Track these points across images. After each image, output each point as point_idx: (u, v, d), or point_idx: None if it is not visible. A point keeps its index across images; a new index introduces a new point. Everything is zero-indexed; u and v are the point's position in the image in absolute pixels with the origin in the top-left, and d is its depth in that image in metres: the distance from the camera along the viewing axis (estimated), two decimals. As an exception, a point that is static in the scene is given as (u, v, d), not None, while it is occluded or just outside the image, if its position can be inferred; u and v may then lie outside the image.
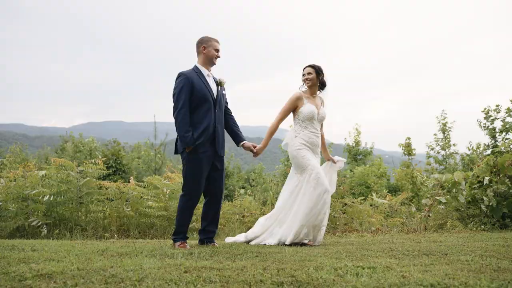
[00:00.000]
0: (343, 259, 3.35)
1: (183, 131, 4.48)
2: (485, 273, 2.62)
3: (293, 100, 5.03)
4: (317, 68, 5.08)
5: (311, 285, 2.38)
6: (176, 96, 4.57)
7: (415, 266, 2.94)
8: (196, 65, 4.79)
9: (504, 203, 6.31)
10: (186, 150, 4.54)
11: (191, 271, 2.78)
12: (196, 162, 4.54)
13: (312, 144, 5.00)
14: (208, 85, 4.71)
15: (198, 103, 4.59)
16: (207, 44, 4.76)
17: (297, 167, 4.97)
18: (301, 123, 5.02)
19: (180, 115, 4.51)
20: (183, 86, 4.55)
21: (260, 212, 7.33)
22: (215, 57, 4.79)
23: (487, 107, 16.21)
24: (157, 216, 6.93)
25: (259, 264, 3.09)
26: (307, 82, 5.08)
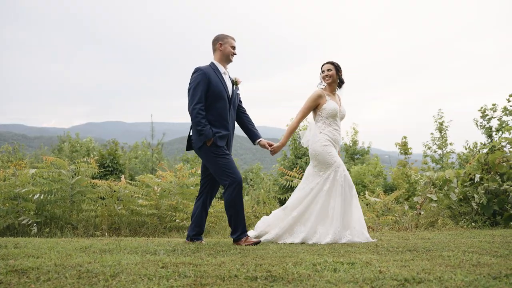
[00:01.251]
0: (325, 255, 3.33)
1: (200, 125, 4.40)
2: (462, 268, 2.60)
3: (315, 98, 4.94)
4: (337, 64, 5.02)
5: (285, 280, 2.36)
6: (192, 91, 4.50)
7: (395, 262, 2.92)
8: (212, 62, 4.74)
9: (495, 200, 6.29)
10: (207, 144, 4.45)
11: (168, 267, 2.76)
12: (220, 150, 4.46)
13: (335, 141, 4.93)
14: (224, 83, 4.64)
15: (213, 100, 4.52)
16: (223, 41, 4.72)
17: (321, 163, 4.85)
18: (324, 120, 4.93)
19: (196, 110, 4.42)
20: (200, 81, 4.48)
21: (252, 210, 7.30)
22: (231, 54, 4.74)
23: (484, 106, 16.20)
24: (148, 214, 6.91)
25: (239, 260, 3.07)
26: (327, 79, 4.99)
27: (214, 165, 4.47)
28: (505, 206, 6.23)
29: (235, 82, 4.79)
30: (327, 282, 2.27)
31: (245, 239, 4.44)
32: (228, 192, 4.43)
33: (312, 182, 4.87)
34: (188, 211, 7.04)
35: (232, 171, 4.42)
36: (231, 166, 4.45)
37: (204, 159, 4.60)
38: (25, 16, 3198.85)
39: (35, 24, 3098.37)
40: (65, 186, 6.91)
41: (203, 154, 4.54)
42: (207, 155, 4.50)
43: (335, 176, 4.75)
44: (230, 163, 4.46)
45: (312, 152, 4.94)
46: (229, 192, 4.42)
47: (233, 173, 4.42)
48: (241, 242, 4.42)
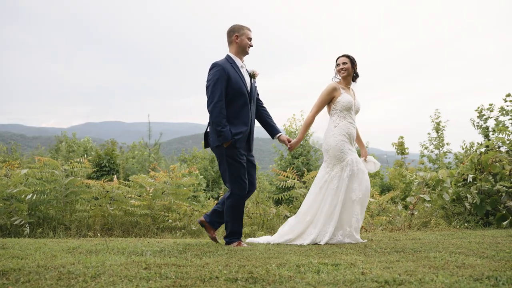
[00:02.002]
0: (311, 257, 3.31)
1: (220, 125, 4.25)
2: (445, 269, 2.58)
3: (330, 91, 4.86)
4: (352, 58, 4.95)
5: (266, 281, 2.34)
6: (211, 88, 4.32)
7: (380, 263, 2.90)
8: (229, 55, 4.57)
9: (488, 200, 6.28)
10: (224, 146, 4.32)
11: (151, 268, 2.74)
12: (236, 156, 4.33)
13: (350, 135, 4.85)
14: (243, 77, 4.50)
15: (233, 96, 4.37)
16: (239, 33, 4.52)
17: (331, 158, 4.79)
18: (339, 113, 4.86)
19: (217, 109, 4.27)
20: (219, 77, 4.31)
21: (245, 210, 7.27)
22: (248, 46, 4.56)
23: (481, 106, 16.20)
24: (140, 214, 6.89)
25: (223, 261, 3.05)
26: (342, 72, 4.92)
27: (223, 169, 4.40)
28: (498, 207, 6.22)
29: (253, 75, 4.64)
30: (307, 284, 2.26)
31: (237, 243, 4.39)
32: (231, 199, 4.38)
33: (321, 179, 4.82)
34: (181, 211, 7.02)
35: (238, 185, 4.34)
36: (241, 175, 4.35)
37: (218, 159, 4.47)
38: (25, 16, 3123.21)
39: (35, 24, 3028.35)
40: (59, 186, 6.89)
41: (218, 154, 4.43)
42: (221, 157, 4.39)
43: (342, 175, 4.70)
44: (240, 172, 4.34)
45: (325, 146, 4.88)
46: (232, 199, 4.38)
47: (239, 183, 4.34)
48: (232, 245, 4.37)
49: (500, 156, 6.41)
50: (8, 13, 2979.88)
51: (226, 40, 4.62)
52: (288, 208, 7.51)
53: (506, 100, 15.33)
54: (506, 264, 2.74)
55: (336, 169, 4.74)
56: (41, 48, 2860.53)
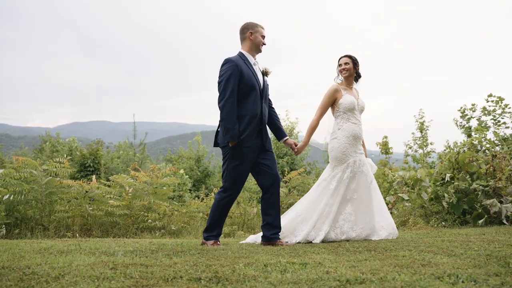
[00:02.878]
0: (281, 256, 3.31)
1: (230, 123, 4.19)
2: (410, 268, 2.60)
3: (332, 93, 4.88)
4: (354, 58, 4.97)
5: (229, 281, 2.34)
6: (223, 83, 4.26)
7: (347, 262, 2.91)
8: (241, 52, 4.52)
9: (465, 199, 6.33)
10: (230, 144, 4.25)
11: (117, 268, 2.72)
12: (239, 157, 4.28)
13: (355, 137, 4.85)
14: (256, 74, 4.45)
15: (245, 93, 4.32)
16: (253, 30, 4.50)
17: (333, 159, 4.84)
18: (342, 115, 4.89)
19: (228, 106, 4.20)
20: (232, 73, 4.25)
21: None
22: (261, 44, 4.54)
23: (463, 106, 16.37)
24: (119, 214, 6.85)
25: (192, 261, 3.04)
26: (344, 73, 4.94)
27: (225, 166, 4.35)
28: (474, 205, 6.28)
29: (265, 72, 4.61)
30: (269, 283, 2.26)
31: (214, 242, 4.36)
32: (219, 196, 4.39)
33: (321, 179, 4.88)
34: (161, 211, 6.99)
35: (235, 182, 4.32)
36: (238, 175, 4.32)
37: (223, 158, 4.41)
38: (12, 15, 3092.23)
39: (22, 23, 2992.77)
40: (38, 186, 6.82)
41: (225, 153, 4.37)
42: (225, 154, 4.35)
43: (342, 176, 4.73)
44: (238, 171, 4.31)
45: (329, 148, 4.93)
46: (220, 197, 4.38)
47: (233, 183, 4.32)
48: (207, 242, 4.35)
49: (477, 156, 6.47)
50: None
51: (239, 37, 4.60)
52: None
53: (488, 100, 15.52)
54: (471, 262, 2.76)
55: (337, 170, 4.78)
56: (27, 47, 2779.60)
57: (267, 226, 4.45)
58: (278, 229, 4.46)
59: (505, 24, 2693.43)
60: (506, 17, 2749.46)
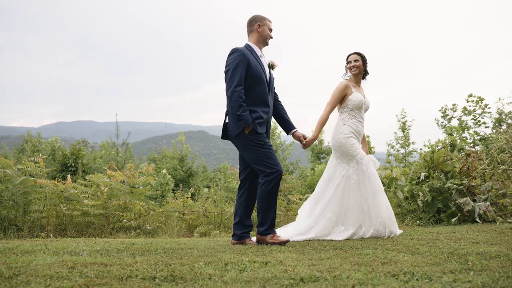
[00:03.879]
0: (246, 255, 3.29)
1: (240, 110, 4.07)
2: (368, 266, 2.60)
3: (342, 88, 4.85)
4: (363, 55, 4.96)
5: (183, 279, 2.32)
6: (230, 72, 4.19)
7: (309, 261, 2.90)
8: (248, 44, 4.45)
9: (439, 198, 6.37)
10: (246, 131, 4.13)
11: (75, 267, 2.68)
12: (261, 139, 4.15)
13: (358, 133, 4.87)
14: (263, 66, 4.38)
15: (252, 83, 4.22)
16: (262, 23, 4.45)
17: (344, 155, 4.78)
18: (349, 112, 4.87)
19: (236, 93, 4.10)
20: (239, 62, 4.17)
21: (202, 209, 7.23)
22: (269, 37, 4.49)
23: (444, 106, 16.54)
24: (94, 214, 6.77)
25: (155, 260, 3.01)
26: (354, 70, 4.92)
27: (252, 154, 4.16)
28: (449, 204, 6.32)
29: (271, 65, 4.54)
30: (223, 282, 2.24)
31: (271, 235, 4.15)
32: (265, 184, 4.10)
33: (337, 176, 4.79)
34: (136, 211, 6.93)
35: (273, 162, 4.13)
36: (272, 157, 4.15)
37: (241, 148, 4.26)
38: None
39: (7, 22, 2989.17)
40: (12, 186, 6.72)
41: (241, 142, 4.22)
42: (245, 144, 4.18)
43: (361, 168, 4.71)
44: (270, 153, 4.16)
45: (335, 143, 4.87)
46: (267, 184, 4.09)
47: (274, 164, 4.12)
48: (267, 238, 4.14)
49: (451, 154, 6.52)
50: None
51: (246, 30, 4.54)
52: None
53: (468, 100, 15.71)
54: (431, 260, 2.77)
55: (352, 163, 4.74)
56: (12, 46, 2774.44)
57: (239, 224, 4.41)
58: (249, 228, 4.43)
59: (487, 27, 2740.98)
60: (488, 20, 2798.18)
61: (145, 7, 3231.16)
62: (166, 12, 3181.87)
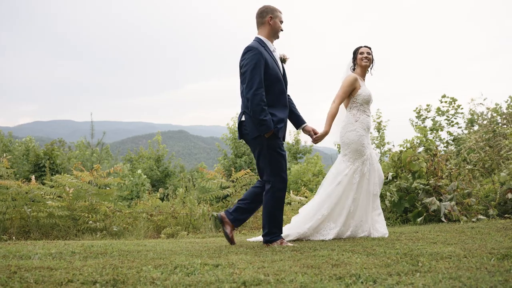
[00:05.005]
0: (200, 257, 3.24)
1: (262, 114, 3.91)
2: (317, 269, 2.57)
3: (352, 81, 4.75)
4: (372, 50, 4.92)
5: (125, 283, 2.26)
6: (249, 73, 3.97)
7: (261, 263, 2.86)
8: (259, 38, 4.23)
9: (406, 198, 6.40)
10: (266, 136, 3.99)
11: (19, 272, 2.60)
12: (278, 146, 4.05)
13: (368, 129, 4.83)
14: (277, 62, 4.22)
15: (270, 83, 4.06)
16: (273, 14, 4.21)
17: (352, 152, 4.72)
18: (359, 107, 4.79)
19: (258, 96, 3.92)
20: (257, 62, 3.97)
21: (171, 210, 7.14)
22: (280, 29, 4.28)
23: (419, 107, 16.70)
24: (59, 216, 6.63)
25: (104, 263, 2.94)
26: (365, 61, 4.83)
27: (265, 160, 4.05)
28: (415, 204, 6.35)
29: (283, 59, 4.37)
30: (163, 286, 2.18)
31: (280, 241, 4.05)
32: (271, 192, 4.05)
33: (340, 173, 4.72)
34: (101, 212, 6.81)
35: (281, 172, 4.06)
36: (282, 166, 4.08)
37: (256, 150, 4.11)
38: None
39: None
40: (-26, 187, 6.55)
41: (257, 145, 4.08)
42: (262, 147, 4.04)
43: (363, 169, 4.67)
44: (282, 163, 4.08)
45: (346, 140, 4.77)
46: (272, 192, 4.04)
47: (282, 174, 4.06)
48: (274, 244, 4.03)
49: (418, 155, 6.55)
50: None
51: (256, 21, 4.31)
52: (216, 208, 7.43)
53: (442, 101, 15.90)
54: (382, 262, 2.76)
55: (357, 163, 4.70)
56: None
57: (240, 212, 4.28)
58: None
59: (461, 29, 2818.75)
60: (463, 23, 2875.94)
61: (126, 5, 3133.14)
62: (148, 10, 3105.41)
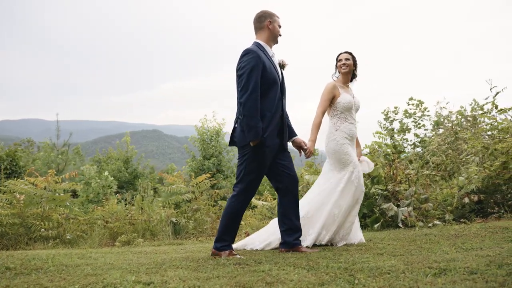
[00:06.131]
0: (136, 273, 3.09)
1: (254, 121, 3.83)
2: (251, 287, 2.47)
3: (330, 89, 4.69)
4: (354, 56, 4.82)
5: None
6: (245, 76, 3.88)
7: (195, 281, 2.74)
8: (258, 42, 4.16)
9: (365, 203, 6.38)
10: (251, 143, 3.89)
11: None
12: (261, 157, 3.94)
13: (352, 137, 4.74)
14: (276, 67, 4.14)
15: (267, 87, 3.98)
16: (272, 19, 4.17)
17: (336, 162, 4.66)
18: (339, 115, 4.73)
19: (251, 101, 3.83)
20: (254, 65, 3.89)
21: (127, 217, 6.97)
22: (279, 34, 4.23)
23: (387, 109, 16.86)
24: (9, 224, 6.38)
25: (28, 283, 2.78)
26: (344, 68, 4.76)
27: (243, 166, 3.97)
28: (374, 209, 6.34)
29: (282, 65, 4.28)
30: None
31: (229, 252, 3.96)
32: (236, 199, 3.97)
33: (326, 181, 4.69)
34: (54, 219, 6.59)
35: (253, 181, 3.98)
36: (257, 176, 3.99)
37: (240, 157, 4.03)
38: None
39: None
40: None
41: (244, 152, 3.99)
42: (247, 153, 3.95)
43: (350, 177, 4.59)
44: (258, 171, 3.98)
45: (329, 150, 4.73)
46: (235, 200, 3.97)
47: (251, 184, 3.98)
48: (223, 254, 3.94)
49: (377, 160, 6.54)
50: None
51: (254, 27, 4.26)
52: (175, 213, 7.28)
53: (409, 103, 16.07)
54: (317, 279, 2.66)
55: (344, 172, 4.63)
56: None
57: (288, 231, 4.16)
58: (300, 232, 4.21)
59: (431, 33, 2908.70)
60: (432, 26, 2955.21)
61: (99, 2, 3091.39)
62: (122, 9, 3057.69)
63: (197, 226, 6.86)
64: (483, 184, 6.62)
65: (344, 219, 4.62)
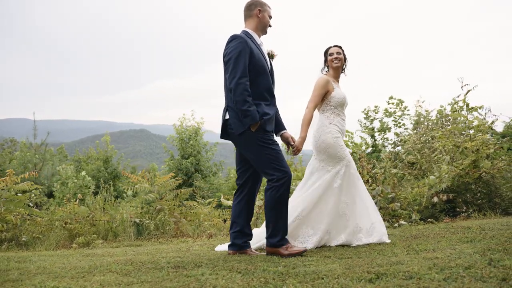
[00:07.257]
0: (62, 278, 2.90)
1: (246, 105, 3.63)
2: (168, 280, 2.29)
3: (324, 84, 4.47)
4: (343, 49, 4.66)
5: None
6: (233, 62, 3.71)
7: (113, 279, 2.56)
8: (246, 30, 4.00)
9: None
10: (252, 129, 3.69)
11: None
12: (269, 138, 3.75)
13: (343, 132, 4.57)
14: (264, 55, 3.98)
15: (255, 74, 3.80)
16: (262, 8, 4.02)
17: (330, 157, 4.39)
18: (333, 110, 4.52)
19: (241, 85, 3.65)
20: (241, 50, 3.72)
21: (88, 217, 6.73)
22: (268, 24, 4.08)
23: (367, 108, 16.78)
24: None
25: None
26: (336, 62, 4.58)
27: (258, 156, 3.73)
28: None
29: (271, 55, 4.15)
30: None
31: (286, 247, 3.70)
32: (274, 189, 3.68)
33: (318, 179, 4.39)
34: (8, 221, 6.34)
35: (282, 164, 3.70)
36: (280, 159, 3.73)
37: (244, 148, 3.82)
38: None
39: None
40: None
41: (245, 142, 3.77)
42: (250, 143, 3.73)
43: (348, 171, 4.38)
44: (279, 155, 3.74)
45: (321, 144, 4.43)
46: (275, 189, 3.67)
47: (283, 166, 3.70)
48: (281, 250, 3.69)
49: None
50: None
51: (244, 15, 4.10)
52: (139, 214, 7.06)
53: (389, 102, 16.01)
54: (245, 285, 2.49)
55: (339, 166, 4.38)
56: None
57: (238, 233, 3.99)
58: (250, 236, 4.04)
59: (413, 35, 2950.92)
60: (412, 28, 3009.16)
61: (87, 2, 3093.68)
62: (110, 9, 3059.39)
63: (160, 227, 6.65)
64: (453, 183, 6.50)
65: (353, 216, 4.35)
